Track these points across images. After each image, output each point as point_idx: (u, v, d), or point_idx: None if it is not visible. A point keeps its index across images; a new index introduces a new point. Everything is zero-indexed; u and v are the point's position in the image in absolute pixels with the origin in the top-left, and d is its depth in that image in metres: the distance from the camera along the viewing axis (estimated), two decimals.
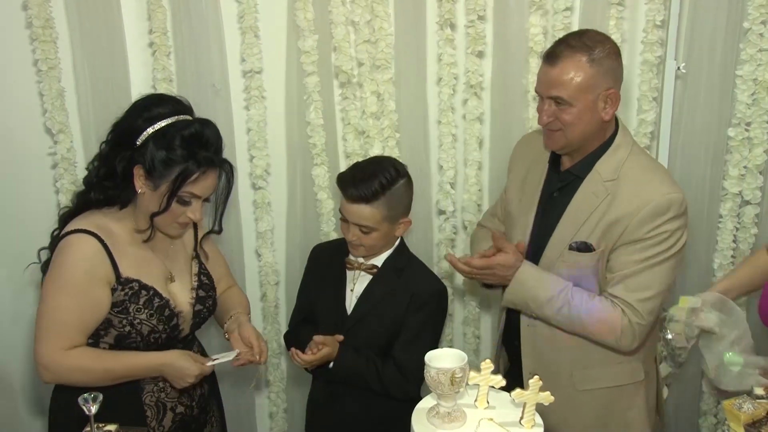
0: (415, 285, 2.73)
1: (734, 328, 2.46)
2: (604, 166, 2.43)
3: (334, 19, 2.98)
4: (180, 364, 2.29)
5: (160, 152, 2.19)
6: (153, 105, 2.27)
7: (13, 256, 2.61)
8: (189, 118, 2.26)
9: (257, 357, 2.42)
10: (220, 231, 2.47)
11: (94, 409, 1.86)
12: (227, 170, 2.32)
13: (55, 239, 2.29)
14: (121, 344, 2.27)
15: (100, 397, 1.87)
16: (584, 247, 2.42)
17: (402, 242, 2.79)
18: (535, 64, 2.96)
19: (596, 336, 2.41)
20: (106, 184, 2.26)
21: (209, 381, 2.58)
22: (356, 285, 2.74)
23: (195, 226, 2.48)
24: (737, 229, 3.14)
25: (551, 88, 2.35)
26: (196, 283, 2.46)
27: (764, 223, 3.11)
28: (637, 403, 2.59)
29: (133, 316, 2.26)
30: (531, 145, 2.71)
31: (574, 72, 2.32)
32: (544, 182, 2.57)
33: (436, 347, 2.50)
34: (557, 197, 2.51)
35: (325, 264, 2.82)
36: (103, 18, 2.89)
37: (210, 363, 2.36)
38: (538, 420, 1.97)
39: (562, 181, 2.52)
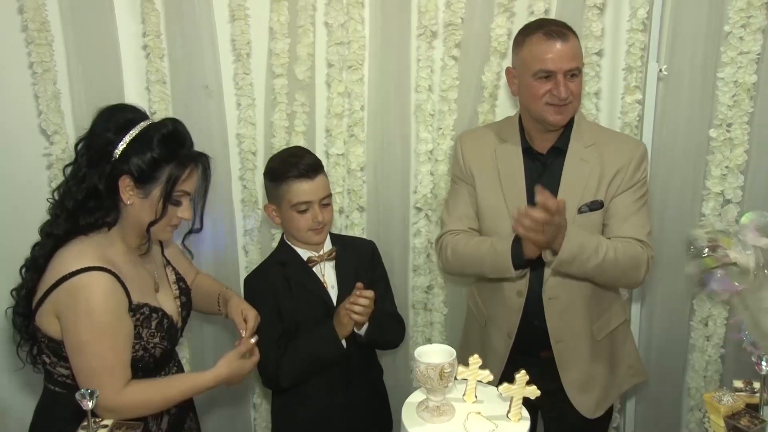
0: (362, 249, 2.89)
1: None
2: (579, 135, 2.65)
3: (314, 21, 3.00)
4: (237, 369, 2.32)
5: (144, 156, 2.13)
6: (116, 114, 2.21)
7: (7, 254, 2.60)
8: (154, 120, 2.23)
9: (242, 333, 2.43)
10: (200, 229, 2.42)
11: (91, 404, 1.83)
12: (205, 163, 2.28)
13: (30, 277, 2.22)
14: (133, 367, 2.21)
15: (97, 392, 1.84)
16: (597, 205, 2.61)
17: None
18: (496, 63, 3.06)
19: (628, 275, 2.60)
20: (89, 205, 2.16)
21: None
22: (326, 277, 2.74)
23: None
24: None
25: (572, 60, 2.53)
26: (177, 291, 2.45)
27: None
28: (629, 336, 2.93)
29: (147, 341, 2.22)
30: (482, 142, 2.79)
31: (578, 46, 2.57)
32: (525, 168, 2.67)
33: None
34: (545, 176, 2.64)
35: (281, 279, 2.72)
36: (97, 21, 2.90)
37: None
38: (525, 414, 1.98)
39: (546, 160, 2.67)
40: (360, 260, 2.80)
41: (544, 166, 2.66)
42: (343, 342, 2.64)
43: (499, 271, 2.60)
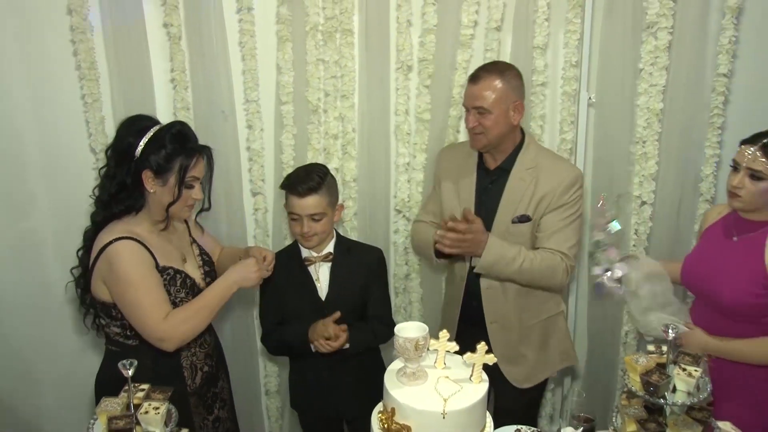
0: (365, 257, 2.82)
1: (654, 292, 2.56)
2: (523, 158, 2.71)
3: (308, 59, 3.02)
4: (239, 269, 2.39)
5: (159, 152, 2.23)
6: (135, 123, 2.31)
7: (66, 246, 2.62)
8: (163, 124, 2.31)
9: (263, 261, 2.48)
10: (209, 207, 2.50)
11: (131, 372, 1.88)
12: (209, 154, 2.36)
13: (84, 257, 2.32)
14: None
15: (136, 362, 1.89)
16: (525, 219, 2.67)
17: (337, 232, 2.83)
18: (457, 93, 3.08)
19: (546, 280, 2.67)
20: (120, 196, 2.26)
21: (219, 348, 2.64)
22: (320, 275, 2.74)
23: (186, 222, 2.53)
24: (638, 223, 3.20)
25: (475, 100, 2.62)
26: (200, 261, 2.51)
27: (656, 219, 3.18)
28: (562, 326, 2.96)
29: (175, 296, 2.31)
30: (454, 154, 2.90)
31: (492, 88, 2.60)
32: (476, 181, 2.75)
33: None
34: (491, 189, 2.71)
35: (284, 268, 2.73)
36: (135, 61, 2.91)
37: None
38: (484, 377, 2.01)
39: (493, 176, 2.75)
40: (358, 265, 2.77)
41: (491, 181, 2.73)
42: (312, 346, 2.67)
43: (429, 257, 2.78)
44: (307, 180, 2.62)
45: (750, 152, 2.32)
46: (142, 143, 2.23)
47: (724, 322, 2.43)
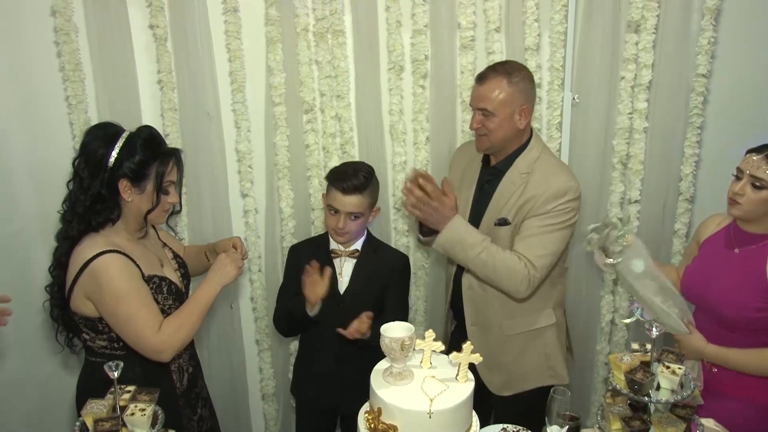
0: (390, 260, 2.83)
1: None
2: (521, 162, 2.60)
3: (300, 59, 2.99)
4: (216, 269, 2.34)
5: (134, 160, 2.17)
6: (101, 132, 2.23)
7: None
8: (130, 130, 2.25)
9: (240, 252, 2.45)
10: (180, 210, 2.50)
11: (116, 374, 1.85)
12: (178, 156, 2.32)
13: (59, 274, 2.25)
14: None
15: (121, 364, 1.86)
16: (503, 222, 2.57)
17: (368, 231, 2.84)
18: (466, 94, 3.03)
19: (502, 280, 2.50)
20: (97, 208, 2.19)
21: (194, 347, 2.59)
22: (343, 269, 2.75)
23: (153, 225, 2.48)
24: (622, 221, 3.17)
25: (479, 101, 2.54)
26: (176, 265, 2.48)
27: (643, 218, 3.17)
28: (552, 341, 2.74)
29: (163, 304, 2.27)
30: (466, 151, 2.85)
31: (498, 90, 2.50)
32: (478, 177, 2.70)
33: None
34: (486, 187, 2.65)
35: (311, 257, 2.73)
36: (120, 62, 2.87)
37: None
38: (470, 376, 1.99)
39: (490, 175, 2.68)
40: (381, 267, 2.78)
41: (487, 181, 2.68)
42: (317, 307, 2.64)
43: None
44: (354, 178, 2.64)
45: (755, 160, 2.32)
46: (114, 152, 2.17)
47: (723, 332, 2.41)
